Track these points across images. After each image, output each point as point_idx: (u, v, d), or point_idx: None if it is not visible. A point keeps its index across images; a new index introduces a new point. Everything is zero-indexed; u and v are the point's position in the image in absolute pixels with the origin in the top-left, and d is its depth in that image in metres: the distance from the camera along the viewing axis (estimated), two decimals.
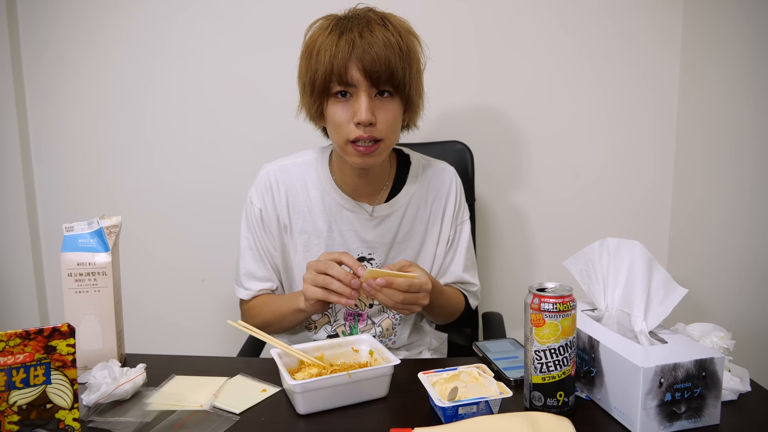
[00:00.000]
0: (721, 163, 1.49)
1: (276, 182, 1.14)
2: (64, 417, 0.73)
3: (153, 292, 1.76)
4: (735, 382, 0.84)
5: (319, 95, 1.01)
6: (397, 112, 1.03)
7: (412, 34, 1.04)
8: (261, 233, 1.15)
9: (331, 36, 0.97)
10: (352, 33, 0.96)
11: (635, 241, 0.90)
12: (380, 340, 1.16)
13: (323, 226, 1.14)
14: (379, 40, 0.96)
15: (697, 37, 1.58)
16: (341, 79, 0.97)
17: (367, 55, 0.95)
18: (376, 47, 0.95)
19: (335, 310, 1.16)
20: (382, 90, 1.00)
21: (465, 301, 1.23)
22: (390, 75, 0.97)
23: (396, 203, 1.16)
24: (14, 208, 1.70)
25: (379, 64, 0.95)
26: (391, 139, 1.04)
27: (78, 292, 0.95)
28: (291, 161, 1.17)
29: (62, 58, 1.68)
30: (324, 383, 0.83)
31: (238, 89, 1.67)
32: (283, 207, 1.14)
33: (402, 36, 0.99)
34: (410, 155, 1.21)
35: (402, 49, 0.98)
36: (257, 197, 1.14)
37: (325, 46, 0.97)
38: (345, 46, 0.95)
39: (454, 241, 1.21)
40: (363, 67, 0.96)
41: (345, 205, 1.14)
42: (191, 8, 1.64)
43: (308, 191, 1.14)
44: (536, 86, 1.66)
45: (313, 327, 1.17)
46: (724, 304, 1.46)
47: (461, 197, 1.22)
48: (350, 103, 1.00)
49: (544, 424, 0.73)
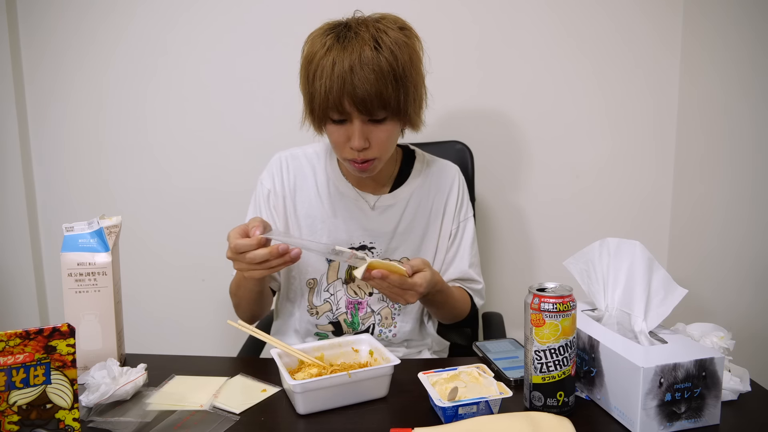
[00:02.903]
0: (721, 163, 1.49)
1: (287, 166, 1.20)
2: (64, 417, 0.73)
3: (153, 292, 1.76)
4: (735, 382, 0.84)
5: (318, 118, 1.05)
6: (391, 133, 1.06)
7: (408, 42, 1.02)
8: (265, 214, 1.19)
9: (326, 58, 0.98)
10: (343, 65, 0.96)
11: (635, 241, 0.90)
12: (380, 329, 1.18)
13: (328, 212, 1.18)
14: (370, 72, 0.96)
15: (697, 37, 1.58)
16: (336, 109, 1.00)
17: (358, 91, 0.96)
18: (367, 83, 0.96)
19: (337, 298, 1.17)
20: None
21: (471, 302, 1.23)
22: (383, 105, 0.99)
23: (399, 195, 1.19)
24: (14, 208, 1.70)
25: (371, 100, 0.97)
26: (386, 155, 1.09)
27: (78, 292, 0.95)
28: (302, 150, 1.23)
29: (62, 58, 1.68)
30: (324, 383, 0.83)
31: (239, 88, 1.67)
32: (290, 190, 1.19)
33: (396, 56, 0.98)
34: (415, 151, 1.25)
35: (396, 74, 0.98)
36: (268, 179, 1.20)
37: (320, 73, 0.98)
38: (338, 81, 0.96)
39: (457, 236, 1.22)
40: (354, 102, 0.98)
41: (349, 194, 1.18)
42: (192, 8, 1.64)
43: (316, 178, 1.20)
44: (536, 86, 1.66)
45: (315, 312, 1.19)
46: (724, 304, 1.46)
47: (464, 193, 1.24)
48: (346, 127, 1.03)
49: (544, 424, 0.73)
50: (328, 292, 1.18)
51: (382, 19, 1.02)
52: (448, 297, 1.14)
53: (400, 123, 1.07)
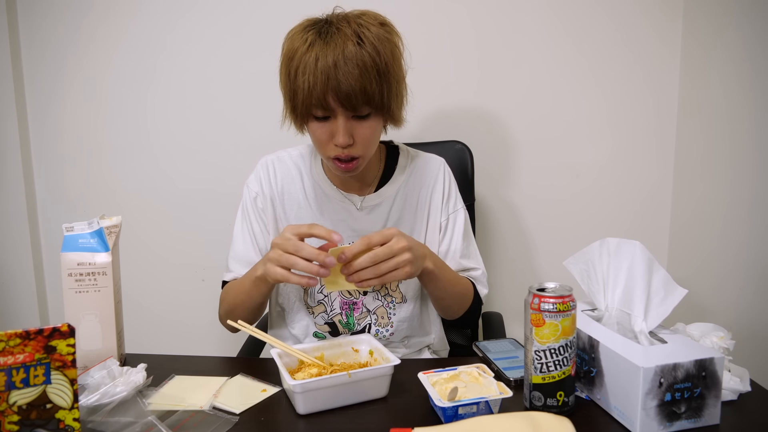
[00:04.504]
0: (721, 163, 1.49)
1: (273, 170, 1.20)
2: (64, 417, 0.73)
3: (153, 292, 1.76)
4: (735, 382, 0.84)
5: (301, 116, 1.04)
6: (375, 128, 1.06)
7: (389, 38, 1.02)
8: (253, 218, 1.19)
9: (309, 54, 0.97)
10: (326, 60, 0.96)
11: (635, 242, 0.90)
12: (377, 329, 1.17)
13: (316, 214, 1.18)
14: (354, 67, 0.96)
15: (697, 37, 1.58)
16: (320, 105, 0.99)
17: (342, 86, 0.96)
18: (351, 78, 0.96)
19: (331, 299, 1.17)
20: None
21: (474, 290, 1.21)
22: (367, 100, 0.99)
23: (384, 193, 1.19)
24: (14, 208, 1.70)
25: (355, 95, 0.97)
26: (369, 152, 1.09)
27: (78, 292, 0.95)
28: (287, 153, 1.23)
29: (62, 58, 1.68)
30: (324, 383, 0.83)
31: (239, 88, 1.67)
32: (278, 193, 1.19)
33: (379, 51, 0.98)
34: (399, 146, 1.24)
35: (379, 69, 0.98)
36: (254, 183, 1.20)
37: (302, 69, 0.98)
38: (321, 77, 0.96)
39: (447, 228, 1.21)
40: (339, 98, 0.97)
41: (335, 196, 1.18)
42: (193, 8, 1.64)
43: (303, 181, 1.19)
44: (536, 86, 1.66)
45: (311, 312, 1.18)
46: (724, 304, 1.46)
47: (450, 185, 1.22)
48: (329, 124, 1.03)
49: (544, 424, 0.73)
50: (322, 294, 1.17)
51: (362, 15, 1.02)
52: (445, 272, 1.11)
53: (383, 119, 1.07)
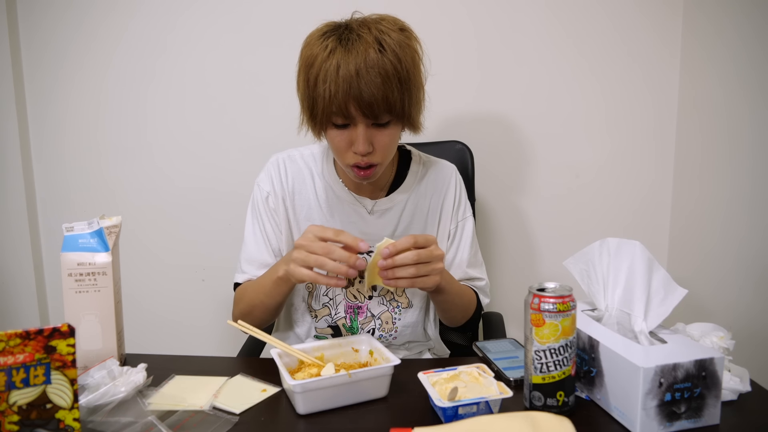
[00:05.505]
0: (721, 162, 1.49)
1: (285, 169, 1.18)
2: (64, 417, 0.73)
3: (153, 292, 1.76)
4: (735, 382, 0.84)
5: (320, 123, 1.02)
6: (394, 136, 1.05)
7: (409, 44, 1.00)
8: (265, 218, 1.17)
9: (330, 61, 0.95)
10: (348, 68, 0.94)
11: (635, 242, 0.90)
12: (380, 334, 1.17)
13: (327, 216, 1.17)
14: (377, 75, 0.94)
15: (697, 37, 1.58)
16: (340, 114, 0.98)
17: (364, 95, 0.94)
18: (374, 87, 0.94)
19: (336, 303, 1.17)
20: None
21: (477, 299, 1.22)
22: (389, 109, 0.98)
23: (396, 198, 1.18)
24: (14, 208, 1.70)
25: (377, 104, 0.96)
26: (387, 159, 1.07)
27: (78, 292, 0.95)
28: (299, 152, 1.21)
29: (62, 58, 1.68)
30: (324, 383, 0.83)
31: (239, 88, 1.67)
32: (289, 192, 1.17)
33: (400, 58, 0.97)
34: (411, 152, 1.23)
35: (401, 77, 0.97)
36: (266, 182, 1.18)
37: (323, 77, 0.96)
38: (343, 85, 0.94)
39: (455, 236, 1.21)
40: (360, 107, 0.96)
41: (346, 199, 1.17)
42: (192, 7, 1.64)
43: (314, 182, 1.18)
44: (536, 86, 1.66)
45: (314, 315, 1.18)
46: (724, 304, 1.46)
47: (461, 193, 1.23)
48: (348, 132, 1.01)
49: (544, 424, 0.73)
50: (327, 296, 1.17)
51: (382, 20, 1.00)
52: (454, 285, 1.11)
53: (402, 126, 1.06)
